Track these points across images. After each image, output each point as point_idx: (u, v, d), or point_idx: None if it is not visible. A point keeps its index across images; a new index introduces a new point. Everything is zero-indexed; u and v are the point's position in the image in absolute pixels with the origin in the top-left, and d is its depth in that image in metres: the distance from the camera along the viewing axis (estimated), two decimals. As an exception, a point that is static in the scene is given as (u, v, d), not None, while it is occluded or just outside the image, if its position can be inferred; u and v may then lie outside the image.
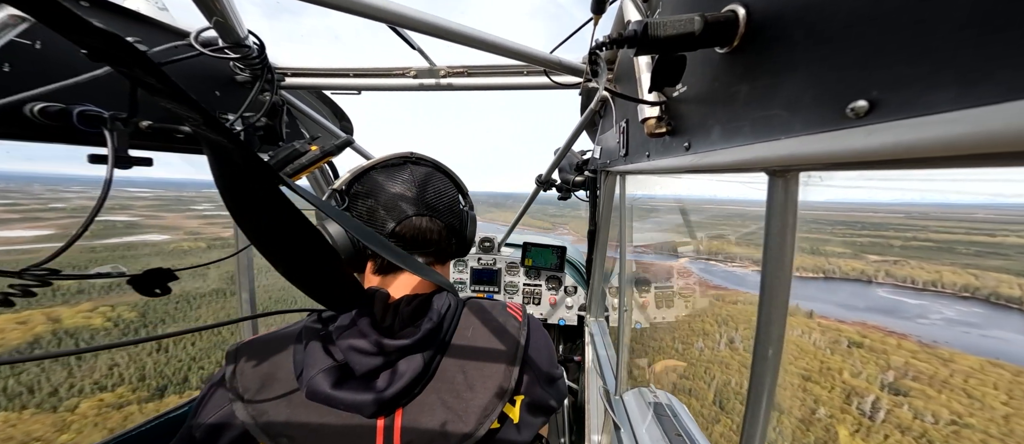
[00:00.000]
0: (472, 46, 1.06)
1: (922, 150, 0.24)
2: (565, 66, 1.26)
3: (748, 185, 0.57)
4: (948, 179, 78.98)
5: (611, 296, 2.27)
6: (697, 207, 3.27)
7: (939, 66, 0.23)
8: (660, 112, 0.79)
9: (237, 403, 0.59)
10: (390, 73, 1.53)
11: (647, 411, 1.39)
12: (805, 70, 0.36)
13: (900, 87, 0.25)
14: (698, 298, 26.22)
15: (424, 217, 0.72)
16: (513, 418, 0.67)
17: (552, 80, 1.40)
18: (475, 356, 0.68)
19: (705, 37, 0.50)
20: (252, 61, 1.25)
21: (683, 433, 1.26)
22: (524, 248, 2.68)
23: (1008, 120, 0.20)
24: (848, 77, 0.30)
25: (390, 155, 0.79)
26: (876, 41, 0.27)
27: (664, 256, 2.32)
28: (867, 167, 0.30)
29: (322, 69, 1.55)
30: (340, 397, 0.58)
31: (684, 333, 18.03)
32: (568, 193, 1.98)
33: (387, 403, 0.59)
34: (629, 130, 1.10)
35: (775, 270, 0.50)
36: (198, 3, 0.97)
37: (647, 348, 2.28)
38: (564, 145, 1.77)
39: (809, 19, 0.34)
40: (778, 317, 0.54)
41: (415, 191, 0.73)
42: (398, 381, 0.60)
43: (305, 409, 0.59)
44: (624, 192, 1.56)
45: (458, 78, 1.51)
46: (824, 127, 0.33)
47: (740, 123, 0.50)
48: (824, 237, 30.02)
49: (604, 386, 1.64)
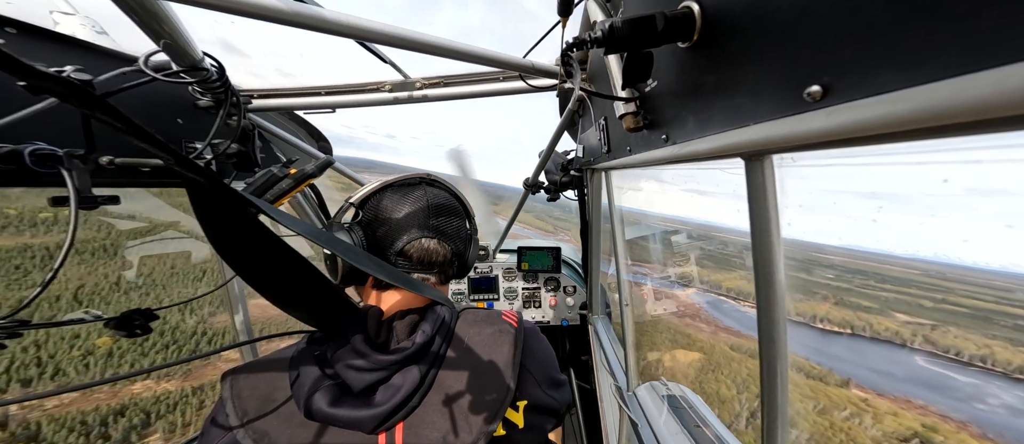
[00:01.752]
0: (445, 56, 1.06)
1: (875, 128, 0.25)
2: (539, 69, 1.27)
3: (727, 172, 0.58)
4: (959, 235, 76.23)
5: (611, 291, 2.28)
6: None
7: (879, 49, 0.24)
8: (636, 107, 0.81)
9: (238, 430, 0.59)
10: (364, 89, 1.53)
11: (662, 405, 1.39)
12: (762, 59, 0.37)
13: (847, 71, 0.27)
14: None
15: (432, 239, 0.73)
16: (518, 423, 0.67)
17: (528, 84, 1.41)
18: (472, 365, 0.67)
19: (666, 33, 0.51)
20: (213, 85, 1.18)
21: (702, 424, 1.26)
22: (519, 253, 2.68)
23: (949, 96, 0.21)
24: (801, 64, 0.31)
25: (406, 175, 0.80)
26: (822, 29, 0.28)
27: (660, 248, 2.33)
28: (830, 146, 0.31)
29: (291, 89, 1.53)
30: (339, 415, 0.58)
31: (688, 323, 17.70)
32: (556, 194, 1.99)
33: (386, 417, 0.59)
34: (609, 127, 1.11)
35: (765, 252, 0.51)
36: (142, 26, 0.88)
37: (655, 341, 2.28)
38: (547, 147, 1.79)
39: (759, 11, 0.36)
40: (776, 298, 0.55)
41: (426, 213, 0.74)
42: (396, 395, 0.60)
43: (305, 429, 0.59)
44: (611, 187, 1.57)
45: (434, 89, 1.52)
46: (787, 111, 0.35)
47: (711, 112, 0.51)
48: (844, 286, 25.79)
49: (615, 383, 1.64)
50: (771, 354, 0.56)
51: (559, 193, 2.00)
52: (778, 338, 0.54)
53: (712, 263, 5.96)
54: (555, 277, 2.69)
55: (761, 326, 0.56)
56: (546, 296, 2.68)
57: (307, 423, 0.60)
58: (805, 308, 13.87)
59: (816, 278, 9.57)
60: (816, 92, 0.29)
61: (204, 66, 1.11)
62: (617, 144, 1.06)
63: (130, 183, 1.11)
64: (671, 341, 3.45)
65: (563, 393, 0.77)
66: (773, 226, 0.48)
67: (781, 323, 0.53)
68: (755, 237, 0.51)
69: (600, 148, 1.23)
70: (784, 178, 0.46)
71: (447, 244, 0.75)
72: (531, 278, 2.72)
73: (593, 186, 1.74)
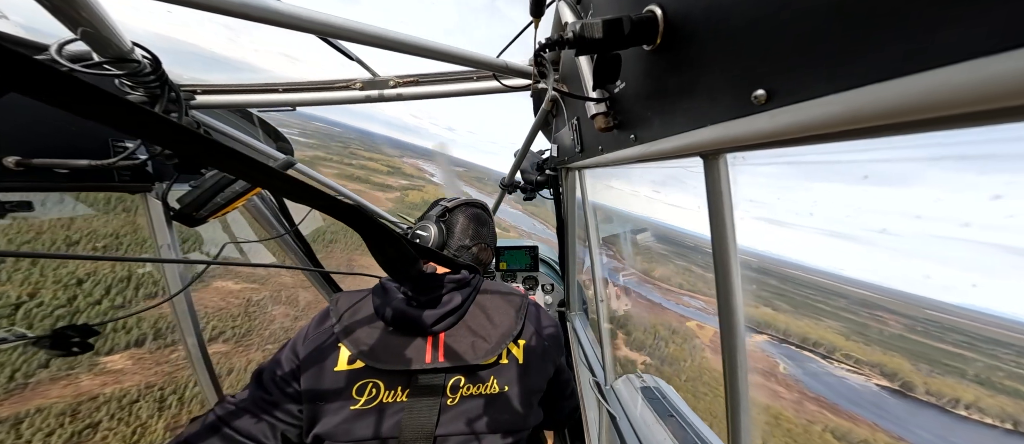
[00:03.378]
0: (417, 54, 1.05)
1: (809, 129, 0.27)
2: (513, 69, 1.28)
3: (688, 169, 0.61)
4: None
5: (586, 288, 2.33)
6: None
7: (812, 57, 0.26)
8: (606, 108, 0.83)
9: (337, 326, 0.89)
10: (332, 86, 1.48)
11: (637, 396, 1.44)
12: (717, 64, 0.39)
13: (786, 77, 0.29)
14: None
15: (490, 249, 1.15)
16: (519, 357, 0.93)
17: (502, 84, 1.42)
18: (493, 308, 0.97)
19: (632, 36, 0.53)
20: (145, 78, 1.07)
21: (674, 412, 1.31)
22: (496, 252, 2.68)
23: (872, 99, 0.24)
24: (749, 70, 0.33)
25: (474, 200, 1.20)
26: (766, 37, 0.30)
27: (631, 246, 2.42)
28: (773, 146, 0.34)
29: (244, 85, 1.45)
30: (411, 312, 0.88)
31: (660, 316, 18.09)
32: (533, 193, 2.01)
33: (439, 320, 0.89)
34: (581, 126, 1.13)
35: (721, 245, 0.55)
36: (54, 12, 0.79)
37: (630, 335, 2.34)
38: (522, 147, 1.80)
39: (714, 18, 0.38)
40: (733, 287, 0.58)
41: (488, 230, 1.16)
42: (447, 306, 0.91)
43: (380, 331, 0.89)
44: (586, 186, 1.61)
45: (408, 88, 1.49)
46: (738, 113, 0.37)
47: (674, 113, 0.54)
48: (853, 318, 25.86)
49: (594, 378, 1.67)
50: (731, 340, 0.59)
51: (535, 192, 2.02)
52: (737, 325, 0.57)
53: (682, 260, 6.16)
54: (533, 275, 2.71)
55: (722, 313, 0.59)
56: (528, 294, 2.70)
57: (380, 326, 0.89)
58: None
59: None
60: (761, 96, 0.32)
61: (134, 58, 1.01)
62: (589, 144, 1.09)
63: (46, 187, 1.00)
64: (644, 333, 3.54)
65: (557, 340, 1.05)
66: (728, 221, 0.51)
67: (739, 310, 0.56)
68: (713, 232, 0.54)
69: (573, 147, 1.26)
70: (737, 175, 0.49)
71: (492, 254, 1.17)
72: (509, 278, 2.73)
73: (568, 185, 1.76)
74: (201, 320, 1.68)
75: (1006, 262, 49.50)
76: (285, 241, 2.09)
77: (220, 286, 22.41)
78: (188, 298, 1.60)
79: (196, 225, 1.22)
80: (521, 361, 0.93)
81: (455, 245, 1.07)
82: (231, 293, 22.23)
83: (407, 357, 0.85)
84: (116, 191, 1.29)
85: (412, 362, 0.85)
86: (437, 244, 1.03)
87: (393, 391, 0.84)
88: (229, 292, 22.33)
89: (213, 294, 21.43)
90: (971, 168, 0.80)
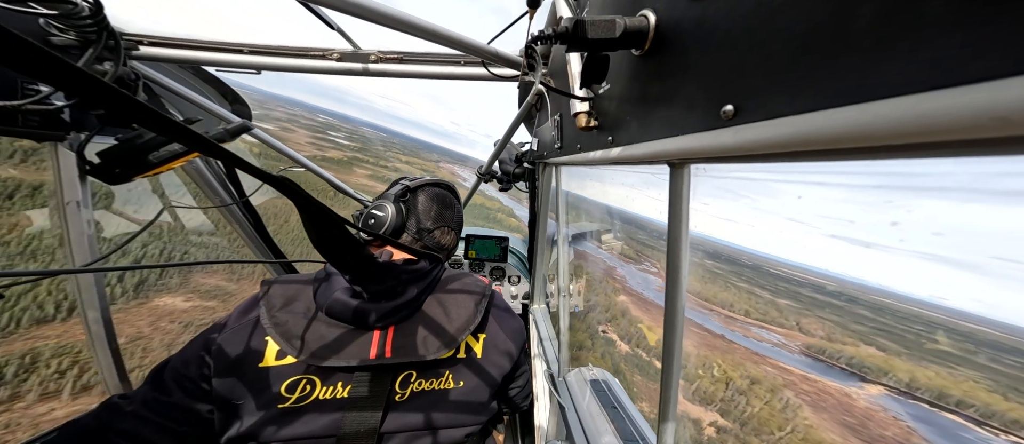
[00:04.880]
0: (405, 31, 1.02)
1: (769, 147, 0.30)
2: (502, 58, 1.27)
3: (657, 176, 0.65)
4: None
5: (550, 282, 2.38)
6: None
7: (774, 80, 0.29)
8: (589, 107, 0.85)
9: (263, 317, 0.78)
10: (306, 54, 1.40)
11: (586, 388, 1.50)
12: (695, 77, 0.42)
13: (751, 96, 0.32)
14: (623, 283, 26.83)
15: (452, 233, 1.05)
16: (477, 352, 0.90)
17: (490, 72, 1.41)
18: (451, 301, 0.91)
19: (623, 40, 0.55)
20: (80, 21, 1.01)
21: (616, 404, 1.39)
22: (467, 241, 2.68)
23: (818, 125, 0.26)
24: (721, 85, 0.36)
25: (440, 179, 1.11)
26: (737, 56, 0.33)
27: (595, 246, 2.47)
28: (735, 161, 0.36)
29: (201, 42, 1.34)
30: (355, 304, 0.79)
31: (616, 313, 18.72)
32: (508, 184, 2.02)
33: (386, 315, 0.81)
34: (563, 123, 1.15)
35: (675, 247, 0.58)
36: None
37: (587, 330, 2.42)
38: (503, 137, 1.80)
39: (697, 32, 0.40)
40: (681, 289, 0.62)
41: (453, 212, 1.07)
42: (397, 301, 0.82)
43: (317, 323, 0.79)
44: (560, 182, 1.64)
45: (390, 64, 1.45)
46: (708, 126, 0.40)
47: (651, 120, 0.56)
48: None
49: (548, 370, 1.73)
50: (671, 338, 0.64)
51: (511, 184, 2.03)
52: (678, 322, 0.62)
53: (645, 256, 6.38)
54: (501, 266, 2.73)
55: (667, 308, 0.63)
56: (492, 285, 2.72)
57: (320, 318, 0.80)
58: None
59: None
60: (729, 111, 0.34)
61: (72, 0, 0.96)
62: (569, 141, 1.11)
63: None
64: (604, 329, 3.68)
65: (518, 334, 1.01)
66: (683, 225, 0.55)
67: (682, 308, 0.61)
68: (670, 234, 0.57)
69: (553, 143, 1.28)
70: (697, 185, 0.52)
71: (456, 238, 1.07)
72: (478, 267, 2.74)
73: (544, 179, 1.79)
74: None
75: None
76: (232, 212, 1.93)
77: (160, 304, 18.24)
78: (99, 275, 1.39)
79: (118, 183, 1.11)
80: (479, 355, 0.89)
81: (415, 228, 0.98)
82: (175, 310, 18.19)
83: (349, 353, 0.77)
84: (18, 136, 1.11)
85: (355, 358, 0.77)
86: (394, 226, 0.94)
87: (332, 387, 0.76)
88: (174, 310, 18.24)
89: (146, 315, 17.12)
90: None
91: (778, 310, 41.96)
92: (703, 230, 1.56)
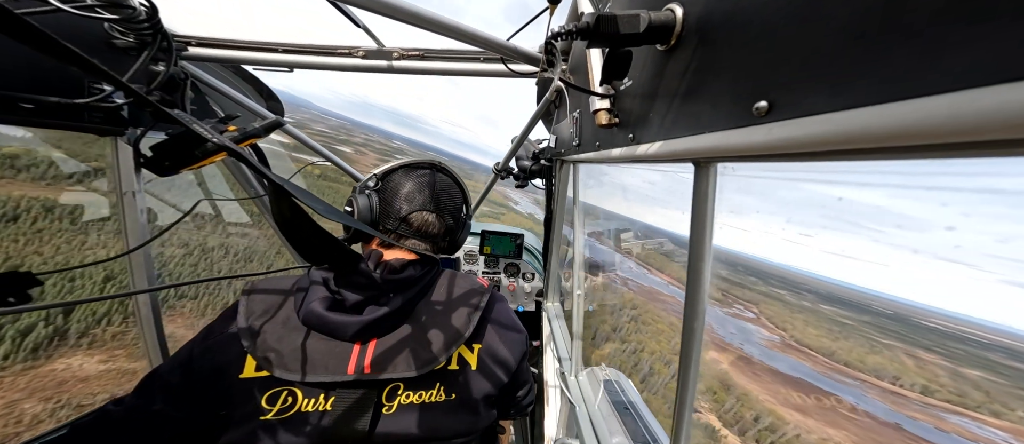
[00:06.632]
0: (426, 28, 1.03)
1: (806, 146, 0.28)
2: (522, 54, 1.26)
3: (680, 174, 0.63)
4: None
5: (565, 280, 2.36)
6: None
7: (815, 74, 0.27)
8: (610, 104, 0.83)
9: (242, 329, 0.73)
10: (333, 51, 1.45)
11: (598, 388, 1.48)
12: (725, 72, 0.40)
13: (788, 90, 0.30)
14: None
15: (432, 213, 0.89)
16: (471, 364, 0.82)
17: (509, 68, 1.40)
18: (444, 308, 0.83)
19: (648, 34, 0.53)
20: (138, 25, 1.11)
21: (629, 406, 1.36)
22: (482, 236, 2.68)
23: (865, 122, 0.24)
24: (754, 80, 0.34)
25: (422, 159, 0.98)
26: (773, 49, 0.31)
27: (611, 244, 2.44)
28: (767, 160, 0.35)
29: (241, 42, 1.42)
30: (331, 318, 0.73)
31: (632, 312, 18.48)
32: (525, 181, 2.01)
33: (366, 328, 0.74)
34: (582, 120, 1.13)
35: (698, 250, 0.56)
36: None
37: (601, 329, 2.40)
38: (521, 133, 1.79)
39: (728, 25, 0.38)
40: (702, 294, 0.60)
41: (431, 191, 0.91)
42: (378, 312, 0.75)
43: (297, 333, 0.74)
44: (578, 180, 1.62)
45: (412, 61, 1.47)
46: (738, 123, 0.38)
47: (676, 116, 0.54)
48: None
49: (560, 368, 1.72)
50: (690, 340, 0.62)
51: (528, 180, 2.02)
52: (698, 325, 0.60)
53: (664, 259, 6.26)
54: (516, 263, 2.73)
55: (686, 311, 0.61)
56: (506, 281, 2.72)
57: (299, 329, 0.74)
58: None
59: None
60: (763, 107, 0.32)
61: (130, 3, 1.05)
62: (587, 138, 1.09)
63: (7, 120, 0.97)
64: (618, 329, 3.61)
65: (517, 345, 0.91)
66: (707, 226, 0.53)
67: (703, 311, 0.59)
68: (692, 234, 0.55)
69: (571, 140, 1.26)
70: (723, 185, 0.50)
71: (443, 220, 0.91)
72: (492, 263, 2.74)
73: (561, 177, 1.77)
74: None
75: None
76: (263, 203, 2.07)
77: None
78: (148, 253, 1.51)
79: (166, 174, 1.20)
80: (474, 366, 0.82)
81: (395, 218, 0.86)
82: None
83: (326, 368, 0.72)
84: (84, 131, 1.23)
85: (332, 374, 0.72)
86: (368, 220, 0.86)
87: (314, 399, 0.72)
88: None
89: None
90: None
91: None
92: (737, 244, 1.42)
